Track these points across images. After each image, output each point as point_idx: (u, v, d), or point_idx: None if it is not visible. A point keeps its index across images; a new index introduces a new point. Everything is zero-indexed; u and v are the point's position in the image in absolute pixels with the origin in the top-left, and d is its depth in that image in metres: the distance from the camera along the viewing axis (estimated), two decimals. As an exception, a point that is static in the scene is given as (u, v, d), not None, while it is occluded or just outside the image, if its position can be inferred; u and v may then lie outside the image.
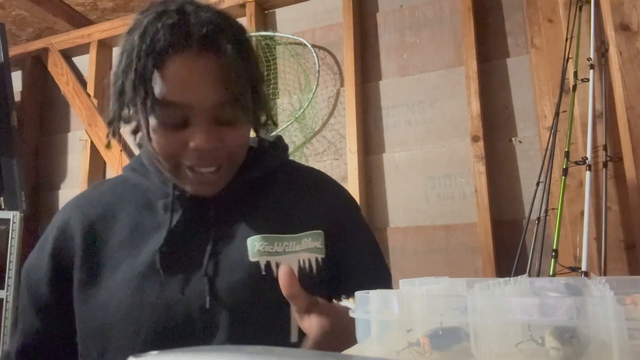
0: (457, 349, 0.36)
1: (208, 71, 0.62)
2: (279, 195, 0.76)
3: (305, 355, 0.27)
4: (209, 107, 0.63)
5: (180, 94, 0.62)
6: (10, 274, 2.15)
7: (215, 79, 0.62)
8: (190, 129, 0.64)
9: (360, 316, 0.42)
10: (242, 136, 0.69)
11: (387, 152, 2.01)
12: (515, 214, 1.79)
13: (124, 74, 0.64)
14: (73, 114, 2.66)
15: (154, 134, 0.65)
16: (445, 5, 2.02)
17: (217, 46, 0.62)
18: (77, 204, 0.78)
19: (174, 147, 0.65)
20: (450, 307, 0.37)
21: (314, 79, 2.12)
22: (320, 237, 0.73)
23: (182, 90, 0.62)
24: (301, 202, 0.76)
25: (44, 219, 2.62)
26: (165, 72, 0.61)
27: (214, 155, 0.66)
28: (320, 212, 0.76)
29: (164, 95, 0.62)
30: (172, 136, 0.64)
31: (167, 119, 0.64)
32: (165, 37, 0.61)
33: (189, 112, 0.63)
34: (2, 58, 2.47)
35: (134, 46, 0.62)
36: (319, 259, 0.72)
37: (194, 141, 0.63)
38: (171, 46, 0.61)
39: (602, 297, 0.32)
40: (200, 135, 0.63)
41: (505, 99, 1.88)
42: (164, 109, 0.63)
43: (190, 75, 0.62)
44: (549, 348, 0.32)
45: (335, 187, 0.83)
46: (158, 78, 0.62)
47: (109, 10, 2.65)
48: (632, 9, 1.38)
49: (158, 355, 0.26)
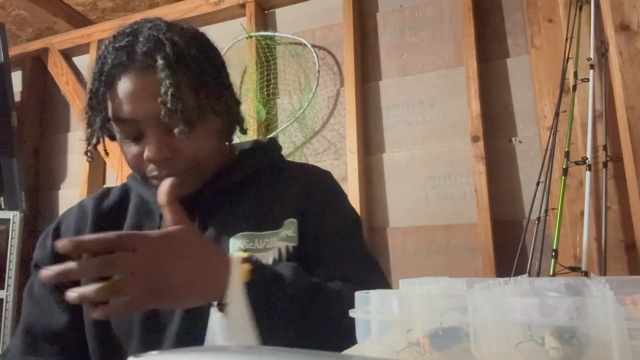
0: (457, 349, 0.36)
1: (148, 86, 0.66)
2: (262, 193, 0.77)
3: (305, 355, 0.27)
4: (153, 118, 0.66)
5: (127, 109, 0.67)
6: (10, 274, 2.15)
7: (154, 93, 0.65)
8: (144, 141, 0.69)
9: (360, 316, 0.42)
10: (197, 144, 0.70)
11: (387, 152, 2.01)
12: (515, 214, 1.79)
13: (86, 96, 0.71)
14: (73, 114, 2.66)
15: (121, 148, 0.72)
16: (445, 5, 2.02)
17: (155, 62, 0.66)
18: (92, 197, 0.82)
19: (136, 159, 0.70)
20: (450, 307, 0.37)
21: (314, 79, 2.12)
22: (293, 225, 0.73)
23: (128, 106, 0.67)
24: (281, 196, 0.77)
25: (44, 219, 2.62)
26: (113, 91, 0.68)
27: (170, 165, 0.69)
28: (294, 201, 0.76)
29: (114, 112, 0.68)
30: (133, 149, 0.70)
31: (123, 134, 0.70)
32: (112, 58, 0.67)
33: (139, 125, 0.68)
34: (2, 58, 2.47)
35: (92, 69, 0.70)
36: (290, 247, 0.72)
37: (146, 153, 0.68)
38: (116, 67, 0.67)
39: (602, 297, 0.32)
40: (150, 146, 0.68)
41: (505, 99, 1.88)
42: (118, 125, 0.69)
43: (133, 92, 0.67)
44: (549, 348, 0.32)
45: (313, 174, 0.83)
46: (109, 97, 0.68)
47: (109, 10, 2.65)
48: (632, 9, 1.38)
49: (158, 355, 0.26)
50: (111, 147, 0.80)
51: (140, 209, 0.77)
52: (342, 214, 0.81)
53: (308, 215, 0.75)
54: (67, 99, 2.64)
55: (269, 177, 0.80)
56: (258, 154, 0.83)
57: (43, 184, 2.68)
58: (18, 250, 2.19)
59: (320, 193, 0.80)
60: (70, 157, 2.65)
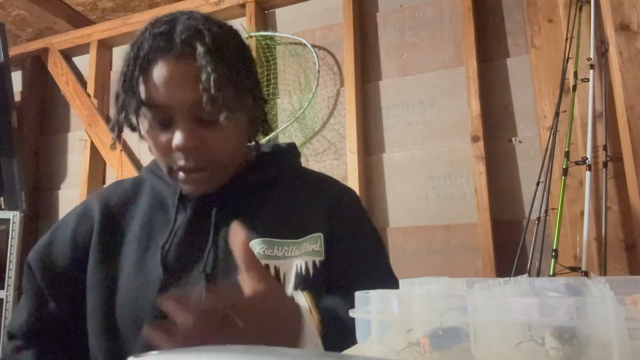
0: (457, 349, 0.36)
1: (186, 73, 0.66)
2: (283, 200, 0.77)
3: (305, 355, 0.27)
4: (188, 106, 0.66)
5: (161, 95, 0.66)
6: (10, 274, 2.15)
7: (192, 80, 0.65)
8: (174, 129, 0.67)
9: (360, 316, 0.42)
10: (226, 138, 0.70)
11: (387, 152, 2.01)
12: (515, 214, 1.79)
13: (119, 81, 0.69)
14: (73, 114, 2.66)
15: (148, 136, 0.70)
16: (445, 5, 2.02)
17: (194, 50, 0.66)
18: (98, 194, 0.81)
19: (163, 148, 0.69)
20: (450, 307, 0.37)
21: (314, 79, 2.12)
22: (319, 239, 0.73)
23: (163, 91, 0.66)
24: (303, 206, 0.76)
25: (44, 219, 2.62)
26: (148, 76, 0.66)
27: (197, 156, 0.68)
28: (320, 215, 0.76)
29: (147, 97, 0.67)
30: (161, 137, 0.68)
31: (153, 120, 0.68)
32: (150, 44, 0.66)
33: (171, 112, 0.66)
34: (2, 58, 2.47)
35: (127, 54, 0.68)
36: (317, 261, 0.72)
37: (175, 140, 0.66)
38: (153, 52, 0.66)
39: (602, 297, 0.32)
40: (180, 134, 0.66)
41: (505, 99, 1.88)
42: (149, 111, 0.67)
43: (170, 78, 0.66)
44: (549, 348, 0.32)
45: (338, 190, 0.83)
46: (143, 82, 0.67)
47: (109, 10, 2.65)
48: (632, 9, 1.38)
49: (158, 355, 0.26)
50: (107, 150, 0.80)
51: (154, 204, 0.76)
52: (372, 236, 0.81)
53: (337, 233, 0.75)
54: (67, 99, 2.64)
55: (289, 184, 0.79)
56: (278, 157, 0.82)
57: (43, 184, 2.68)
58: (18, 250, 2.19)
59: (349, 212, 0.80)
60: (70, 157, 2.65)
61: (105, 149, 2.45)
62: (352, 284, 0.71)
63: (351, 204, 0.83)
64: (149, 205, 0.76)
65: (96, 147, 2.48)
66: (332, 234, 0.74)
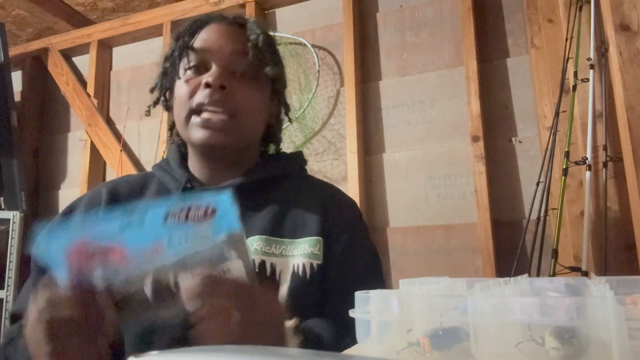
0: (457, 349, 0.36)
1: (234, 31, 0.77)
2: (284, 201, 0.78)
3: (305, 355, 0.27)
4: (228, 55, 0.75)
5: (206, 46, 0.75)
6: (10, 274, 2.15)
7: (239, 38, 0.76)
8: (208, 72, 0.74)
9: (360, 316, 0.42)
10: (251, 94, 0.77)
11: (387, 152, 2.01)
12: (515, 214, 1.79)
13: (171, 43, 0.80)
14: (73, 114, 2.66)
15: (181, 83, 0.76)
16: (445, 5, 2.02)
17: (245, 23, 0.79)
18: (107, 182, 0.84)
19: (191, 87, 0.74)
20: (450, 307, 0.37)
21: (314, 79, 2.12)
22: (319, 243, 0.74)
23: (209, 43, 0.75)
24: (304, 208, 0.78)
25: (44, 219, 2.62)
26: (200, 34, 0.77)
27: (221, 98, 0.73)
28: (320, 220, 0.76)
29: (194, 47, 0.76)
30: (193, 80, 0.75)
31: (192, 61, 0.76)
32: (205, 17, 0.80)
33: (211, 57, 0.75)
34: (2, 58, 2.47)
35: (184, 27, 0.79)
36: (315, 264, 0.72)
37: (206, 77, 0.73)
38: (209, 19, 0.79)
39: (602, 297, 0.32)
40: (213, 72, 0.73)
41: (505, 99, 1.88)
42: (191, 54, 0.76)
43: (218, 35, 0.76)
44: (549, 348, 0.32)
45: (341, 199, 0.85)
46: (189, 40, 0.77)
47: (109, 10, 2.65)
48: (632, 9, 1.38)
49: (158, 355, 0.26)
50: (107, 150, 0.80)
51: (159, 196, 0.78)
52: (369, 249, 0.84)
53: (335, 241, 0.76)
54: (67, 99, 2.63)
55: (292, 186, 0.82)
56: (284, 160, 0.86)
57: (43, 184, 2.68)
58: (18, 250, 2.19)
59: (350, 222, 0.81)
60: (70, 157, 2.65)
61: (105, 149, 2.45)
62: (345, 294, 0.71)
63: (352, 215, 0.84)
64: (153, 197, 0.78)
65: (96, 147, 2.48)
66: (330, 240, 0.75)
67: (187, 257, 0.49)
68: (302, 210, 0.77)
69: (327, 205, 0.80)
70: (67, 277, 0.48)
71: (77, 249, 0.49)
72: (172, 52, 0.79)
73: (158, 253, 0.49)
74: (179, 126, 0.78)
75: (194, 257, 0.49)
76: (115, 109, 2.58)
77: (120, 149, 2.37)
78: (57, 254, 0.49)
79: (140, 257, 0.49)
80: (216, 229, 0.49)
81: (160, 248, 0.49)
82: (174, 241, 0.49)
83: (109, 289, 0.49)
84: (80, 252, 0.49)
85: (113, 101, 2.60)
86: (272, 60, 0.79)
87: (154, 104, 0.83)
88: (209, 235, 0.49)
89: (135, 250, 0.49)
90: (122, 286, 0.49)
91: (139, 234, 0.49)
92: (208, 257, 0.49)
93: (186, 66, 0.76)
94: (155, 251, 0.49)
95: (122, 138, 2.44)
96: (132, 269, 0.49)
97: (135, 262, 0.49)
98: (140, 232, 0.49)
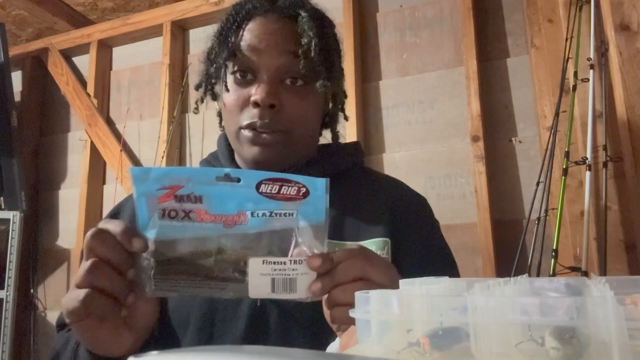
0: (457, 349, 0.36)
1: (286, 31, 0.68)
2: (345, 199, 0.72)
3: (305, 356, 0.27)
4: (278, 63, 0.67)
5: (255, 45, 0.67)
6: (10, 274, 2.15)
7: (290, 40, 0.67)
8: (255, 85, 0.68)
9: (360, 316, 0.42)
10: (303, 105, 0.70)
11: (387, 152, 2.01)
12: (515, 214, 1.79)
13: (215, 36, 0.71)
14: (73, 114, 2.66)
15: (226, 91, 0.70)
16: (445, 5, 2.02)
17: (296, 15, 0.68)
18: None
19: (240, 102, 0.68)
20: (450, 307, 0.37)
21: (314, 79, 2.12)
22: (387, 245, 0.69)
23: (258, 42, 0.67)
24: (366, 207, 0.73)
25: (44, 219, 2.62)
26: (246, 30, 0.68)
27: (271, 116, 0.67)
28: (385, 218, 0.71)
29: (240, 48, 0.68)
30: (240, 91, 0.69)
31: (238, 69, 0.69)
32: (252, 3, 0.69)
33: (259, 65, 0.67)
34: (2, 58, 2.47)
35: (226, 14, 0.71)
36: None
37: (255, 94, 0.67)
38: (255, 9, 0.69)
39: (602, 297, 0.32)
40: (261, 88, 0.67)
41: (505, 99, 1.88)
42: (237, 61, 0.68)
43: (268, 31, 0.68)
44: (549, 348, 0.32)
45: (407, 194, 0.79)
46: (240, 33, 0.69)
47: (109, 10, 2.65)
48: (632, 9, 1.38)
49: (158, 355, 0.26)
50: (107, 150, 0.80)
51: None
52: (442, 248, 0.78)
53: (404, 241, 0.71)
54: (67, 99, 2.64)
55: (353, 182, 0.76)
56: (341, 153, 0.80)
57: (43, 184, 2.68)
58: (18, 250, 2.19)
59: (420, 220, 0.76)
60: (70, 157, 2.65)
61: (105, 149, 2.45)
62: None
63: (422, 213, 0.78)
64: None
65: (96, 147, 2.48)
66: (399, 241, 0.70)
67: (263, 233, 0.47)
68: (366, 209, 0.72)
69: (394, 204, 0.74)
70: (143, 217, 0.47)
71: (169, 191, 0.47)
72: (215, 51, 0.71)
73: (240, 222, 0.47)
74: (229, 136, 0.73)
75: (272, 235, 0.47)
76: (115, 109, 2.58)
77: (120, 149, 2.37)
78: (148, 187, 0.47)
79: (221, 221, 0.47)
80: (302, 213, 0.47)
81: (244, 217, 0.47)
82: (258, 212, 0.47)
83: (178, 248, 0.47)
84: (169, 196, 0.47)
85: (113, 101, 2.60)
86: (326, 64, 0.70)
87: (201, 100, 0.77)
88: (294, 217, 0.47)
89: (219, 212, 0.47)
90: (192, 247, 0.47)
91: (228, 195, 0.47)
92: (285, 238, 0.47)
93: (231, 70, 0.70)
94: (238, 218, 0.47)
95: (122, 138, 2.44)
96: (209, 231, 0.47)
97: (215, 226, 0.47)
98: (230, 194, 0.47)
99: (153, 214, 0.47)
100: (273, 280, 0.47)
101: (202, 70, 0.75)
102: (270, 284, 0.47)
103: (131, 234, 0.47)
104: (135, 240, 0.47)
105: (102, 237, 0.47)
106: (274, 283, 0.47)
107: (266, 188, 0.47)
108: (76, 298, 0.46)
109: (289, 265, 0.47)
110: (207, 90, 0.76)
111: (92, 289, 0.46)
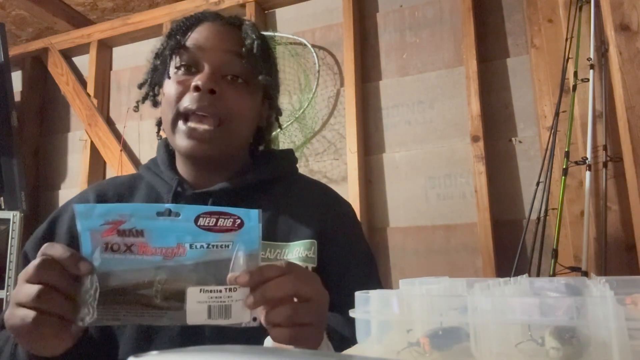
0: (457, 349, 0.36)
1: (228, 36, 0.74)
2: (277, 203, 0.77)
3: (305, 355, 0.27)
4: (220, 57, 0.72)
5: (199, 46, 0.73)
6: (10, 274, 2.15)
7: (233, 39, 0.74)
8: (198, 76, 0.71)
9: (360, 316, 0.42)
10: (242, 99, 0.74)
11: (387, 152, 2.01)
12: (515, 214, 1.79)
13: (164, 38, 0.77)
14: (73, 114, 2.66)
15: (170, 82, 0.74)
16: (445, 5, 2.02)
17: (241, 23, 0.77)
18: (94, 186, 0.83)
19: (180, 89, 0.72)
20: (450, 307, 0.37)
21: (314, 79, 2.12)
22: (313, 246, 0.73)
23: (202, 43, 0.73)
24: (297, 210, 0.77)
25: (44, 219, 2.62)
26: (194, 31, 0.75)
27: (211, 102, 0.70)
28: (314, 222, 0.76)
29: (186, 45, 0.73)
30: (182, 81, 0.72)
31: (183, 61, 0.73)
32: (200, 14, 0.77)
33: (203, 57, 0.72)
34: (2, 58, 2.46)
35: (177, 21, 0.77)
36: (310, 268, 0.72)
37: (196, 80, 0.70)
38: (204, 17, 0.77)
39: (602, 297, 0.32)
40: (204, 74, 0.71)
41: (505, 99, 1.88)
42: (182, 56, 0.73)
43: (212, 35, 0.74)
44: (549, 348, 0.32)
45: (334, 200, 0.84)
46: (188, 35, 0.74)
47: (109, 10, 2.65)
48: (632, 9, 1.38)
49: (158, 355, 0.26)
50: (107, 150, 0.80)
51: (149, 200, 0.77)
52: (364, 250, 0.83)
53: (330, 243, 0.75)
54: (67, 99, 2.63)
55: (284, 187, 0.80)
56: (274, 161, 0.84)
57: (43, 184, 2.68)
58: (18, 250, 2.19)
59: (344, 223, 0.81)
60: (70, 157, 2.65)
61: (105, 149, 2.45)
62: (341, 296, 0.69)
63: (346, 215, 0.83)
64: (143, 201, 0.77)
65: (96, 147, 2.48)
66: (324, 242, 0.75)
67: (200, 263, 0.50)
68: (295, 212, 0.76)
69: (321, 207, 0.79)
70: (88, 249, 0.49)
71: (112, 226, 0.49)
72: (163, 48, 0.76)
73: (179, 253, 0.50)
74: (165, 128, 0.76)
75: (208, 265, 0.50)
76: (115, 109, 2.58)
77: (120, 149, 2.37)
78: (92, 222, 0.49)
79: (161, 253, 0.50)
80: (237, 242, 0.51)
81: (183, 249, 0.50)
82: (196, 245, 0.50)
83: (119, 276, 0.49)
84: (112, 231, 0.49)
85: (113, 101, 2.60)
86: (266, 66, 0.76)
87: (142, 100, 0.81)
88: (229, 248, 0.51)
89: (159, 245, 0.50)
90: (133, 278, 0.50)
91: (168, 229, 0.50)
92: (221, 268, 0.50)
93: (177, 65, 0.74)
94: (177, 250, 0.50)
95: (122, 138, 2.44)
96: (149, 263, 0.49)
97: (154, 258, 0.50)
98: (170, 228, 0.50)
99: (96, 247, 0.50)
100: (210, 308, 0.50)
101: (147, 69, 0.79)
102: (207, 311, 0.50)
103: (77, 258, 0.49)
104: (81, 264, 0.48)
105: (49, 265, 0.48)
106: (210, 310, 0.50)
107: (204, 221, 0.50)
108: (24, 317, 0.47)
109: (224, 293, 0.50)
110: (151, 89, 0.79)
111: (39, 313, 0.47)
